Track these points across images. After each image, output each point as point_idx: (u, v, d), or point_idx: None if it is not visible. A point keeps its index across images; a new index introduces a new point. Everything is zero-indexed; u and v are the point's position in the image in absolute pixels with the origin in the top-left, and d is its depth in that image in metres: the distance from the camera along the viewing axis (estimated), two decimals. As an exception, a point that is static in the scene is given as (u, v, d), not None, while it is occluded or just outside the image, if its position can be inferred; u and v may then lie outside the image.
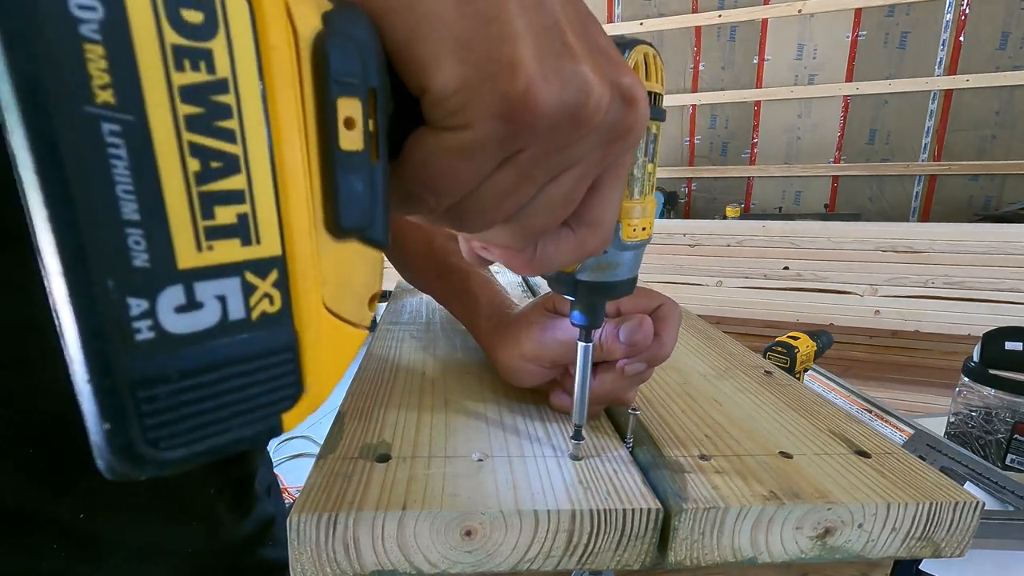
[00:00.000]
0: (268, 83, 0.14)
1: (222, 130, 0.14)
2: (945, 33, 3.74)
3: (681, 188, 4.62)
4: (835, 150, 4.17)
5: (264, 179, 0.15)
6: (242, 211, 0.15)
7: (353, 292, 0.18)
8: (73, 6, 0.11)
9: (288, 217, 0.15)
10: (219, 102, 0.14)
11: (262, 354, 0.16)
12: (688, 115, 4.49)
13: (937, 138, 3.89)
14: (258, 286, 0.15)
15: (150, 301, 0.13)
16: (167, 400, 0.14)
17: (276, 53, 0.14)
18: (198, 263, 0.14)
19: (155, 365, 0.14)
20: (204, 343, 0.14)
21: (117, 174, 0.12)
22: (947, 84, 3.78)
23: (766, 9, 4.09)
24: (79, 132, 0.12)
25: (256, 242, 0.15)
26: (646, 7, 4.42)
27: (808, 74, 4.12)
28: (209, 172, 0.14)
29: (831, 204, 4.26)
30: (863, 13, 3.90)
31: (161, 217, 0.13)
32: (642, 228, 0.31)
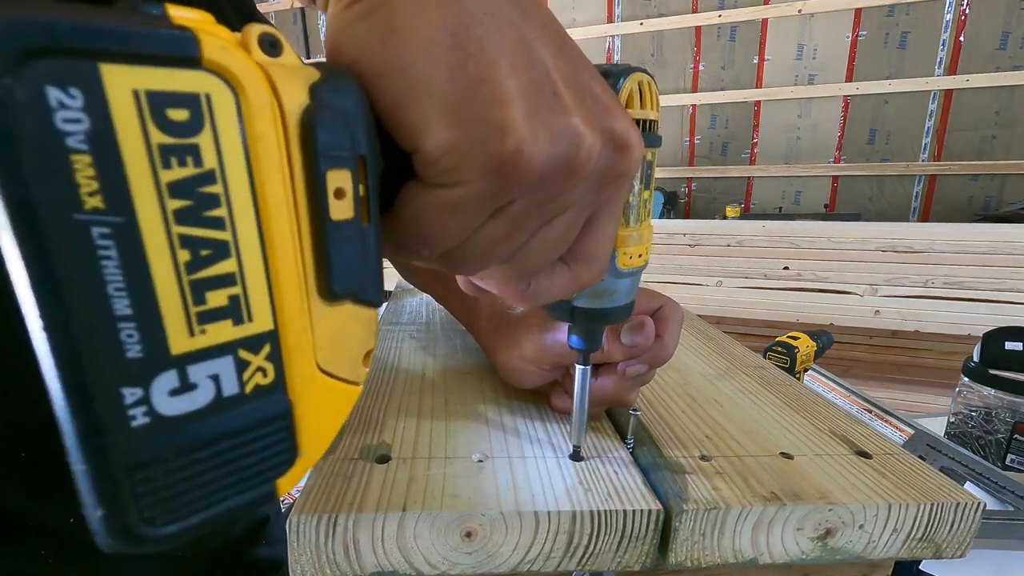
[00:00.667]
0: (256, 169, 0.14)
1: (211, 219, 0.14)
2: (945, 33, 3.74)
3: (681, 188, 4.62)
4: (835, 150, 4.17)
5: (254, 259, 0.15)
6: (233, 293, 0.15)
7: (348, 351, 0.18)
8: (59, 121, 0.11)
9: (279, 292, 0.16)
10: (207, 193, 0.14)
11: (256, 425, 0.16)
12: (688, 115, 4.49)
13: (937, 138, 3.89)
14: (251, 361, 0.15)
15: (144, 389, 0.14)
16: (163, 479, 0.14)
17: (262, 141, 0.14)
18: (191, 347, 0.14)
19: (150, 448, 0.14)
20: (199, 421, 0.15)
21: (108, 274, 0.13)
22: (947, 84, 3.78)
23: (766, 9, 4.09)
24: (69, 240, 0.12)
25: (248, 320, 0.15)
26: (646, 7, 4.42)
27: (808, 74, 4.12)
28: (199, 260, 0.14)
29: (831, 204, 4.26)
30: (863, 13, 3.90)
31: (153, 309, 0.13)
32: (638, 255, 0.31)
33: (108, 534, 0.14)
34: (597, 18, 4.56)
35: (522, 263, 0.22)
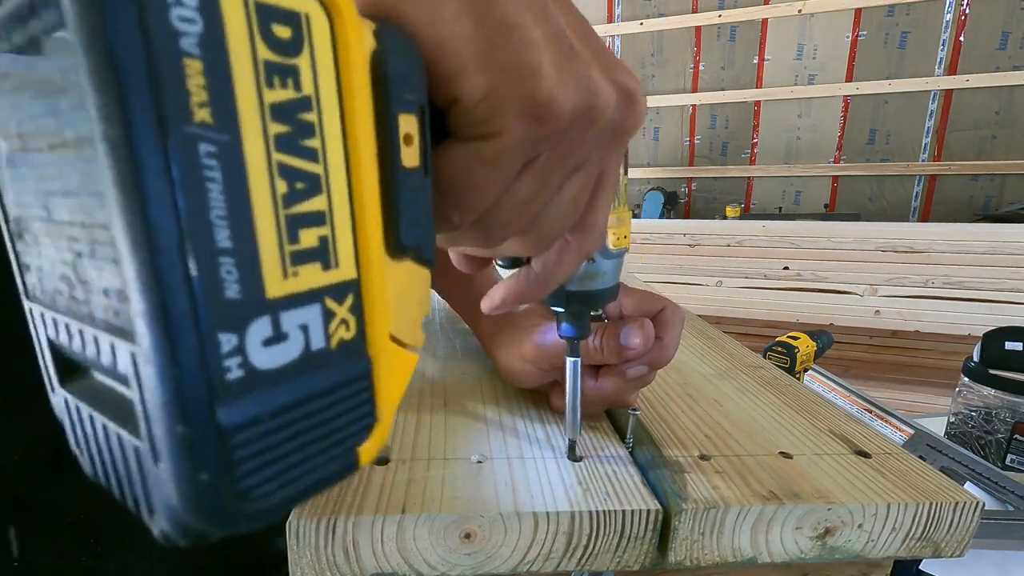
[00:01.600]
0: (346, 101, 0.14)
1: (307, 149, 0.13)
2: (945, 33, 3.74)
3: (681, 188, 4.62)
4: (835, 150, 4.17)
5: (342, 199, 0.14)
6: (323, 233, 0.14)
7: (409, 314, 0.18)
8: (175, 18, 0.11)
9: (363, 238, 0.15)
10: (304, 120, 0.13)
11: (341, 384, 0.15)
12: (688, 115, 4.49)
13: (937, 138, 3.89)
14: (336, 312, 0.15)
15: (240, 336, 0.12)
16: (258, 445, 0.13)
17: (354, 71, 0.14)
18: (285, 291, 0.13)
19: (245, 408, 0.13)
20: (289, 378, 0.14)
21: (212, 198, 0.11)
22: (947, 84, 3.78)
23: (766, 9, 4.09)
24: (177, 155, 0.11)
25: (335, 265, 0.14)
26: (646, 7, 4.42)
27: (808, 74, 4.12)
28: (295, 193, 0.13)
29: (831, 204, 4.26)
30: (863, 13, 3.90)
31: (252, 243, 0.12)
32: (623, 236, 0.32)
33: (193, 510, 0.12)
34: (597, 18, 4.56)
35: (543, 229, 0.22)
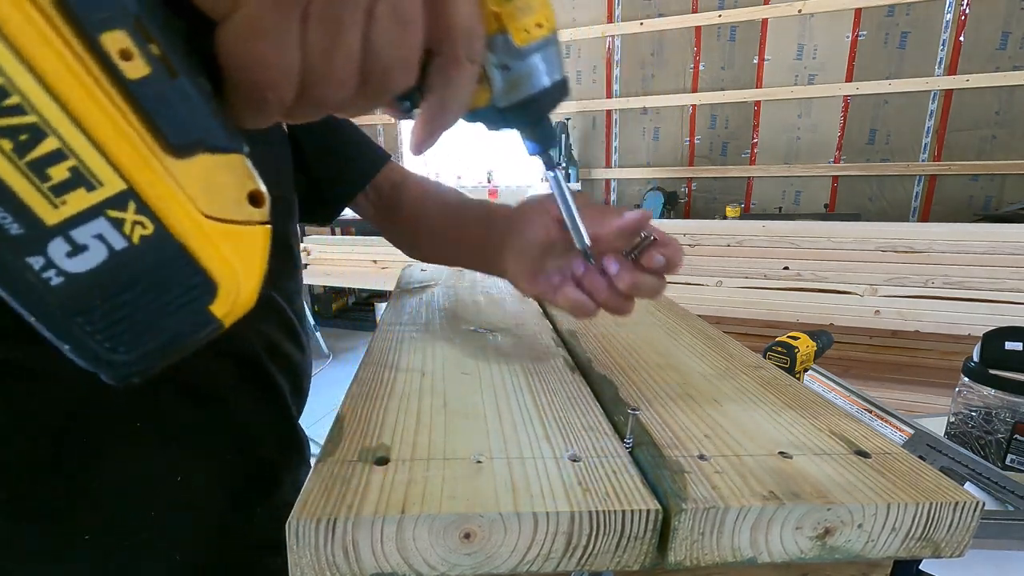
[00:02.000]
0: (27, 54, 0.15)
1: (9, 108, 0.16)
2: (945, 33, 3.74)
3: (681, 188, 4.62)
4: (835, 150, 4.17)
5: (72, 133, 0.17)
6: (71, 165, 0.17)
7: (226, 196, 0.20)
8: None
9: (114, 155, 0.17)
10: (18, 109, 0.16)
11: (160, 265, 0.19)
12: (688, 115, 4.49)
13: (937, 138, 3.89)
14: (124, 217, 0.18)
15: (43, 256, 0.17)
16: (101, 318, 0.18)
17: (11, 24, 0.15)
18: (61, 217, 0.17)
19: (78, 298, 0.17)
20: (108, 271, 0.18)
21: None
22: (947, 84, 3.78)
23: (766, 9, 4.09)
24: None
25: (99, 184, 0.17)
26: (646, 7, 4.42)
27: (808, 74, 4.12)
28: (21, 145, 0.16)
29: (831, 204, 4.25)
30: (863, 13, 3.90)
31: (9, 193, 0.16)
32: (536, 25, 0.28)
33: (89, 363, 0.18)
34: (597, 18, 4.56)
35: (381, 67, 0.20)
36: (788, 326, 2.06)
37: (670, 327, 0.63)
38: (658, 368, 0.50)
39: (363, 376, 0.45)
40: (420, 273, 0.88)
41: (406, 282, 0.81)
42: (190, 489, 0.41)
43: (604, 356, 0.53)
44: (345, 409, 0.39)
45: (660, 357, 0.53)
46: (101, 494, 0.36)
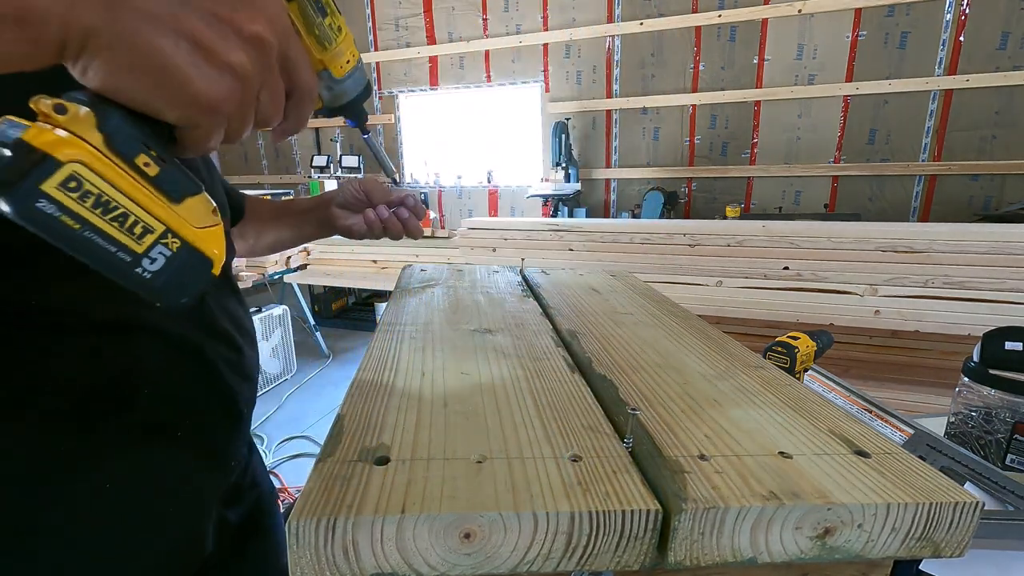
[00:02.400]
0: (109, 177, 0.29)
1: (111, 205, 0.29)
2: (945, 33, 3.74)
3: (681, 188, 4.62)
4: (835, 150, 4.17)
5: (136, 209, 0.30)
6: (141, 223, 0.30)
7: (203, 214, 0.33)
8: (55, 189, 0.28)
9: (155, 214, 0.31)
10: (102, 198, 0.29)
11: (186, 257, 0.32)
12: (688, 115, 4.49)
13: (937, 138, 3.89)
14: (167, 241, 0.31)
15: (140, 266, 0.31)
16: (167, 285, 0.32)
17: (96, 163, 0.28)
18: (142, 248, 0.30)
19: (156, 280, 0.31)
20: (166, 266, 0.32)
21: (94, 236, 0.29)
22: (947, 84, 3.78)
23: (766, 9, 4.09)
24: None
25: (154, 231, 0.31)
26: (646, 7, 4.42)
27: (808, 74, 4.12)
28: (119, 220, 0.29)
29: (831, 204, 4.25)
30: (863, 13, 3.90)
31: (120, 243, 0.30)
32: (346, 61, 0.47)
33: (169, 306, 0.32)
34: (597, 18, 4.56)
35: (267, 119, 0.34)
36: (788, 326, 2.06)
37: (670, 327, 0.63)
38: (658, 368, 0.50)
39: (363, 376, 0.45)
40: (420, 273, 0.88)
41: (406, 282, 0.81)
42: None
43: (604, 356, 0.53)
44: (345, 409, 0.39)
45: (660, 357, 0.53)
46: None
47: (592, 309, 0.70)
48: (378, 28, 5.21)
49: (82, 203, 0.28)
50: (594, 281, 0.88)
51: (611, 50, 4.58)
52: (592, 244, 2.50)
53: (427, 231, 3.36)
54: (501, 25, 4.85)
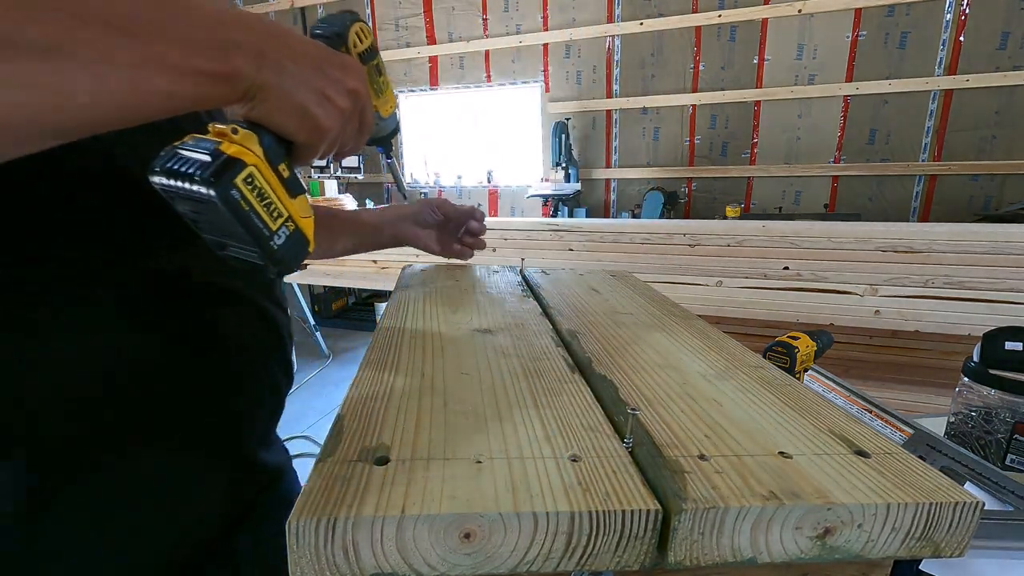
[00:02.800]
0: (266, 178, 0.39)
1: (267, 199, 0.39)
2: (945, 33, 3.74)
3: (681, 188, 4.62)
4: (835, 150, 4.17)
5: (276, 200, 0.40)
6: (278, 210, 0.40)
7: (305, 207, 0.43)
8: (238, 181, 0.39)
9: (285, 205, 0.41)
10: (261, 191, 0.39)
11: (297, 236, 0.42)
12: (688, 115, 4.49)
13: (937, 138, 3.89)
14: (288, 224, 0.41)
15: (272, 239, 0.41)
16: (285, 255, 0.42)
17: (258, 166, 0.39)
18: (275, 227, 0.40)
19: (281, 250, 0.41)
20: (287, 241, 0.42)
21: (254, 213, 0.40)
22: (947, 84, 3.78)
23: (766, 9, 4.09)
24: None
25: (283, 215, 0.41)
26: (646, 7, 4.42)
27: (808, 74, 4.12)
28: (267, 208, 0.39)
29: (831, 204, 4.25)
30: (863, 13, 3.90)
31: (265, 221, 0.40)
32: (390, 106, 0.65)
33: (282, 273, 0.43)
34: (597, 18, 4.56)
35: (347, 140, 0.47)
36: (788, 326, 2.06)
37: (670, 327, 0.63)
38: (658, 368, 0.50)
39: (363, 376, 0.45)
40: (420, 273, 0.88)
41: (406, 282, 0.81)
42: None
43: (604, 356, 0.53)
44: (345, 409, 0.39)
45: (660, 357, 0.53)
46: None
47: (592, 309, 0.70)
48: (378, 28, 5.20)
49: (252, 192, 0.38)
50: (594, 281, 0.88)
51: (611, 50, 4.58)
52: (592, 244, 2.50)
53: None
54: (501, 25, 4.84)
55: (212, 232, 0.40)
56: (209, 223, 0.39)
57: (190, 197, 0.37)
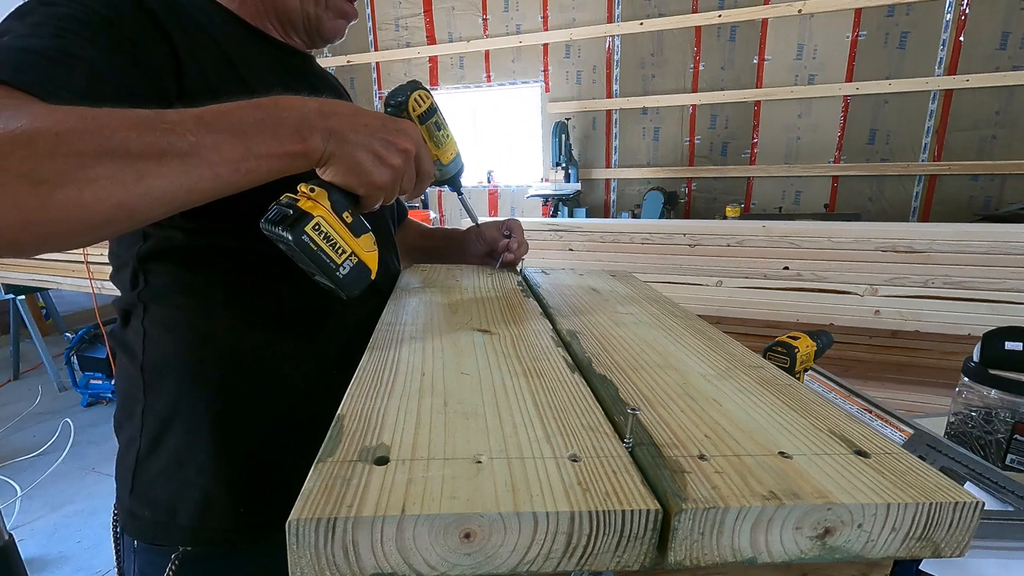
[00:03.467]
0: (331, 225, 0.54)
1: (334, 242, 0.54)
2: (945, 33, 3.74)
3: (681, 188, 4.62)
4: (835, 150, 4.17)
5: (340, 241, 0.54)
6: (342, 248, 0.55)
7: (369, 243, 0.57)
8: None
9: (349, 243, 0.55)
10: (329, 235, 0.54)
11: (360, 268, 0.57)
12: (688, 115, 4.49)
13: (937, 138, 3.89)
14: (351, 258, 0.56)
15: (339, 270, 0.56)
16: (349, 282, 0.57)
17: (327, 217, 0.53)
18: (340, 261, 0.55)
19: (346, 278, 0.56)
20: (350, 271, 0.56)
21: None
22: (947, 84, 3.78)
23: (766, 9, 4.09)
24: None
25: (346, 252, 0.55)
26: (646, 7, 4.42)
27: (808, 74, 4.12)
28: (334, 247, 0.54)
29: (831, 204, 4.25)
30: (863, 13, 3.90)
31: (332, 258, 0.54)
32: (451, 154, 0.75)
33: (348, 295, 0.57)
34: (597, 18, 4.56)
35: (406, 189, 0.58)
36: (788, 326, 2.05)
37: (670, 327, 0.63)
38: (658, 368, 0.50)
39: (363, 376, 0.45)
40: (420, 273, 0.88)
41: (406, 282, 0.81)
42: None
43: (604, 356, 0.53)
44: (345, 409, 0.39)
45: (660, 357, 0.53)
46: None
47: (592, 309, 0.70)
48: (378, 28, 5.21)
49: (319, 236, 0.52)
50: (594, 281, 0.88)
51: (611, 50, 4.58)
52: (592, 244, 2.50)
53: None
54: (501, 25, 4.85)
55: (302, 263, 0.54)
56: (297, 258, 0.53)
57: (280, 240, 0.52)
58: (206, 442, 0.62)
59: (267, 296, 0.65)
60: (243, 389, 0.64)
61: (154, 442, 0.64)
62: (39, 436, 3.09)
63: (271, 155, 0.47)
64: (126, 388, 0.67)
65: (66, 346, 3.45)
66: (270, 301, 0.66)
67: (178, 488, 0.63)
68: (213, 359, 0.63)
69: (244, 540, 0.64)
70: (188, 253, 0.63)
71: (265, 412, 0.65)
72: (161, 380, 0.64)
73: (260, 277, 0.64)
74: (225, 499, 0.63)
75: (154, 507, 0.63)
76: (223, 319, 0.64)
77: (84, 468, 2.78)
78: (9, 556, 1.49)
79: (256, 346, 0.65)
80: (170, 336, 0.64)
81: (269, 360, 0.65)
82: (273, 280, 0.65)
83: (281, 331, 0.66)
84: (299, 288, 0.63)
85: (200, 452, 0.62)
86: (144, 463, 0.64)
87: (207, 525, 0.63)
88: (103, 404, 3.47)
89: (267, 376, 0.65)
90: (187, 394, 0.63)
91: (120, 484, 0.67)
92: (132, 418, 0.65)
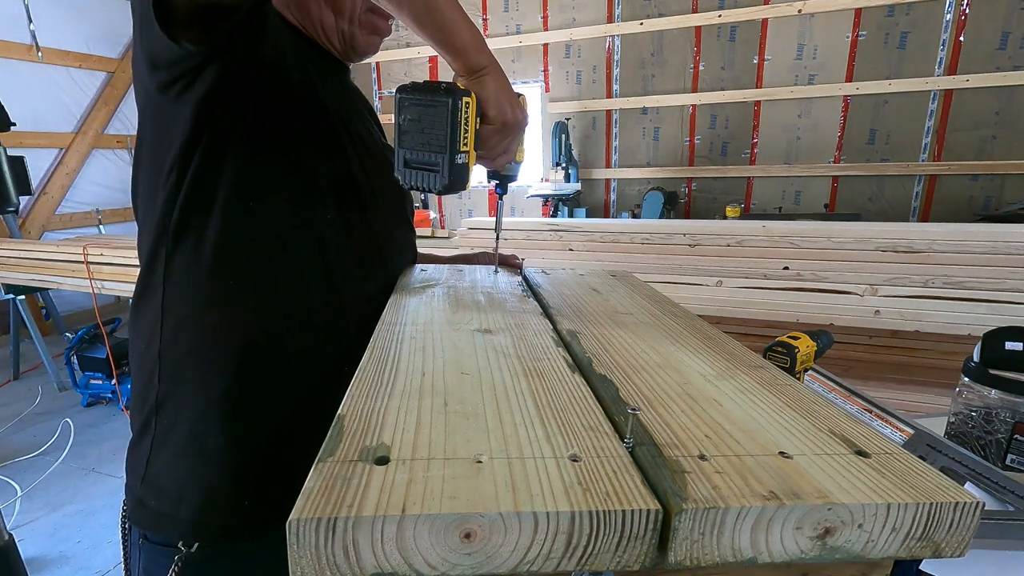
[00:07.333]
0: (471, 119, 0.62)
1: (466, 129, 0.62)
2: (945, 33, 3.74)
3: (681, 188, 4.62)
4: (835, 150, 4.17)
5: (470, 136, 0.62)
6: (467, 140, 0.61)
7: (473, 162, 0.65)
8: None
9: (470, 144, 0.61)
10: (467, 123, 0.62)
11: (462, 164, 0.62)
12: (688, 115, 4.49)
13: (937, 138, 3.89)
14: (468, 154, 0.62)
15: (459, 156, 0.63)
16: (456, 179, 0.63)
17: (472, 109, 0.62)
18: (463, 149, 0.62)
19: (458, 171, 0.63)
20: (457, 167, 0.62)
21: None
22: (947, 84, 3.78)
23: (766, 9, 4.09)
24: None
25: (468, 148, 0.62)
26: (646, 7, 4.42)
27: (808, 74, 4.12)
28: (465, 132, 0.61)
29: (831, 204, 4.25)
30: (863, 13, 3.90)
31: (459, 142, 0.61)
32: (521, 157, 0.76)
33: (454, 191, 0.63)
34: (597, 18, 4.56)
35: (510, 148, 0.69)
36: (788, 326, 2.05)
37: (670, 327, 0.63)
38: (658, 368, 0.50)
39: (363, 376, 0.45)
40: (420, 273, 0.88)
41: (406, 282, 0.81)
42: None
43: (604, 356, 0.53)
44: (345, 409, 0.39)
45: (660, 357, 0.53)
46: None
47: (592, 309, 0.70)
48: (378, 28, 5.20)
49: (466, 112, 0.57)
50: (594, 281, 0.88)
51: (611, 50, 4.58)
52: (592, 244, 2.50)
53: (427, 231, 3.36)
54: (501, 25, 4.84)
55: (413, 144, 0.58)
56: (420, 131, 0.57)
57: (423, 104, 0.57)
58: (215, 432, 0.63)
59: (295, 290, 0.67)
60: (257, 380, 0.65)
61: (167, 430, 0.65)
62: (39, 436, 3.08)
63: (463, 37, 0.60)
64: (141, 375, 0.68)
65: (66, 346, 3.45)
66: (294, 296, 0.67)
67: (185, 478, 0.63)
68: (231, 348, 0.64)
69: (244, 535, 0.64)
70: (220, 238, 0.64)
71: (276, 405, 0.66)
72: (177, 366, 0.65)
73: (289, 268, 0.67)
74: (229, 491, 0.63)
75: (161, 497, 0.64)
76: (243, 308, 0.65)
77: (84, 468, 2.78)
78: (9, 556, 1.49)
79: (273, 336, 0.66)
80: (189, 321, 0.65)
81: (285, 353, 0.66)
82: (301, 272, 0.67)
83: (300, 326, 0.67)
84: (329, 284, 0.68)
85: (209, 441, 0.63)
86: (158, 450, 0.65)
87: (209, 519, 0.63)
88: (103, 404, 3.47)
89: (281, 369, 0.66)
90: (201, 381, 0.64)
91: (131, 472, 0.67)
92: (146, 404, 0.66)
